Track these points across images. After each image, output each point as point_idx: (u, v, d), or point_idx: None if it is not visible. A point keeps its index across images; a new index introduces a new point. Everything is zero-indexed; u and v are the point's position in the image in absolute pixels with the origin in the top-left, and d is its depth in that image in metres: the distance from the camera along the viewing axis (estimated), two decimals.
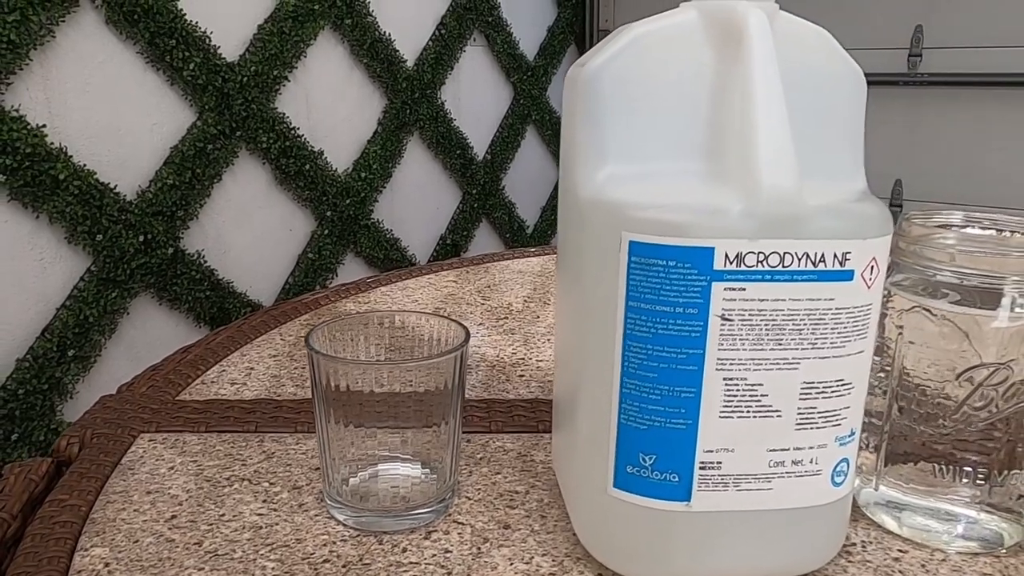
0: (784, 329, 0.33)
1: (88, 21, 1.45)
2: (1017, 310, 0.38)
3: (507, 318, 0.75)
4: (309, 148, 1.88)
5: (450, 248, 2.36)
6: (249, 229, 1.80)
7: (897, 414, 0.41)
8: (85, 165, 1.46)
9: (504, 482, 0.47)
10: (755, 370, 0.33)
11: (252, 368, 0.62)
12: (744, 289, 0.32)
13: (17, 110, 1.35)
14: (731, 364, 0.33)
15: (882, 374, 0.42)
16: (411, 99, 2.15)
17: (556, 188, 1.71)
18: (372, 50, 2.01)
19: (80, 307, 1.48)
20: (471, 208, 2.41)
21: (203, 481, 0.46)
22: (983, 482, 0.40)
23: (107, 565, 0.39)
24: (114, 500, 0.44)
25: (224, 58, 1.67)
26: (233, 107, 1.69)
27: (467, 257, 0.99)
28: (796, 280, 0.32)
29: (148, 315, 1.62)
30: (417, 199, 2.24)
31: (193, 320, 1.70)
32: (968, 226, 0.43)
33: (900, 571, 0.39)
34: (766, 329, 0.33)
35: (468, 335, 0.43)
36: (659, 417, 0.34)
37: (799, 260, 0.32)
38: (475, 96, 2.39)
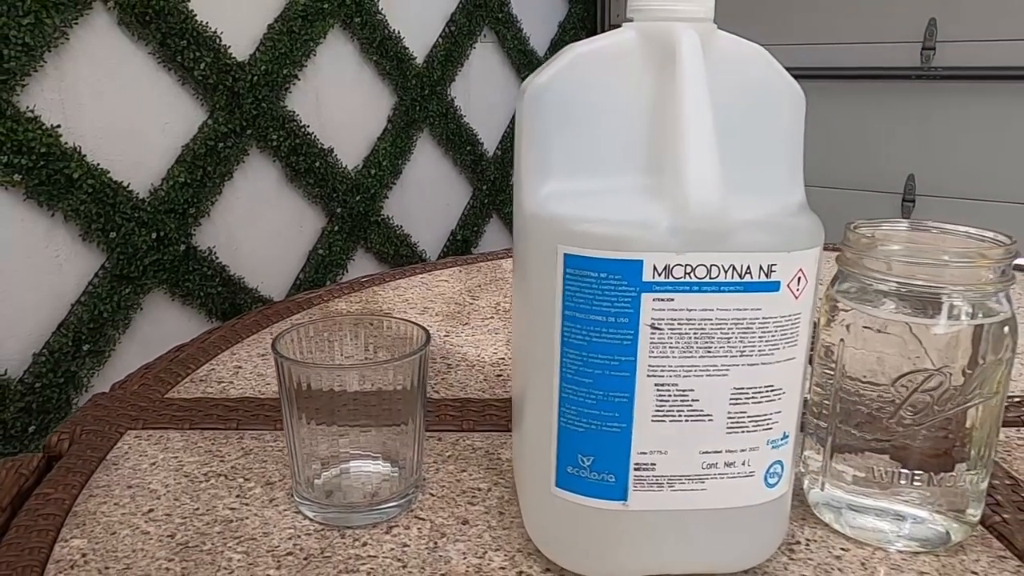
0: (713, 337, 0.35)
1: (101, 23, 1.48)
2: (953, 318, 0.39)
3: (493, 318, 0.77)
4: (319, 146, 1.91)
5: (460, 244, 2.38)
6: (260, 226, 1.83)
7: (840, 417, 0.42)
8: (99, 164, 1.49)
9: (468, 479, 0.49)
10: (685, 376, 0.35)
11: (240, 367, 0.65)
12: (672, 299, 0.34)
13: (32, 111, 1.39)
14: (662, 371, 0.35)
15: (829, 378, 0.43)
16: (421, 96, 2.17)
17: None
18: (382, 48, 2.03)
19: (95, 303, 1.51)
20: (481, 204, 2.43)
21: (182, 477, 0.48)
22: (921, 483, 0.41)
23: (84, 556, 0.41)
24: (96, 494, 0.47)
25: (234, 58, 1.69)
26: (243, 106, 1.72)
27: (462, 256, 1.01)
28: (723, 291, 0.34)
29: (161, 310, 1.66)
30: (427, 196, 2.26)
31: (205, 315, 1.74)
32: (913, 234, 0.44)
33: (840, 569, 0.41)
34: (695, 337, 0.34)
35: (428, 337, 0.45)
36: (595, 420, 0.36)
37: (725, 272, 0.34)
38: (485, 93, 2.40)
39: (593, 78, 0.37)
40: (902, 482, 0.41)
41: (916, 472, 0.41)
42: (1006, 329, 0.40)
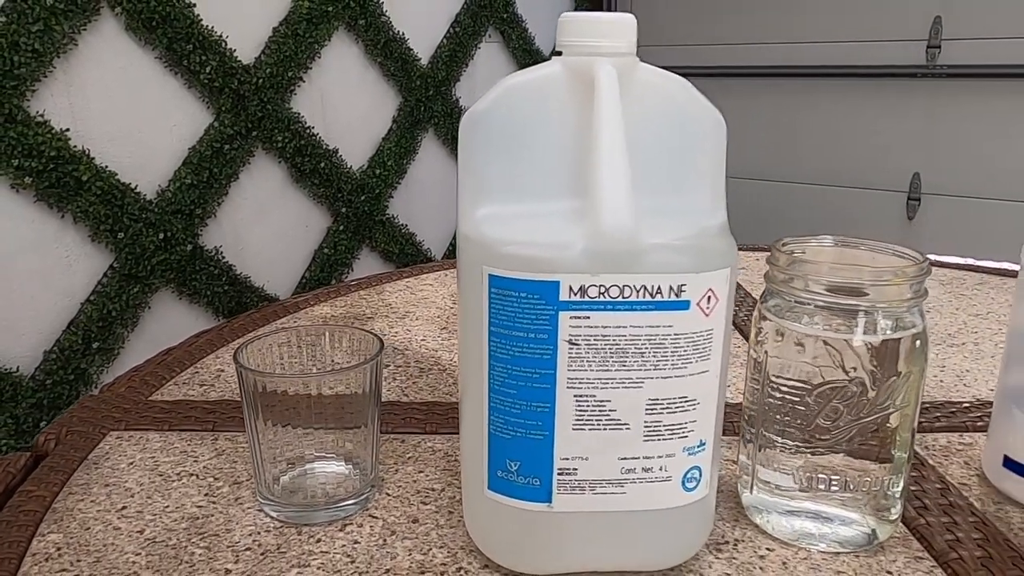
0: (627, 352, 0.37)
1: (109, 28, 1.52)
2: (869, 333, 0.42)
3: None
4: (324, 146, 1.94)
5: None
6: (266, 226, 1.87)
7: (765, 425, 0.45)
8: (107, 166, 1.53)
9: (424, 480, 0.51)
10: (603, 388, 0.38)
11: (222, 370, 0.68)
12: (588, 317, 0.37)
13: (42, 115, 1.43)
14: (580, 383, 0.37)
15: (756, 389, 0.45)
16: (425, 97, 2.20)
17: None
18: (386, 49, 2.06)
19: (104, 302, 1.56)
20: None
21: (156, 476, 0.52)
22: (839, 487, 0.44)
23: (59, 549, 0.44)
24: (75, 492, 0.50)
25: (240, 61, 1.73)
26: (249, 108, 1.75)
27: (448, 261, 1.04)
28: (635, 309, 0.37)
29: (168, 309, 1.70)
30: (432, 195, 2.29)
31: (212, 314, 1.78)
32: (837, 251, 0.46)
33: (761, 568, 0.43)
34: (610, 352, 0.37)
35: (382, 346, 0.48)
36: (521, 428, 0.38)
37: (636, 292, 0.36)
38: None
39: (523, 108, 0.39)
40: (821, 487, 0.44)
41: (834, 476, 0.43)
42: (918, 343, 0.42)
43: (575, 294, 0.36)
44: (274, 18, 1.81)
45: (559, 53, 0.40)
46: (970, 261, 1.11)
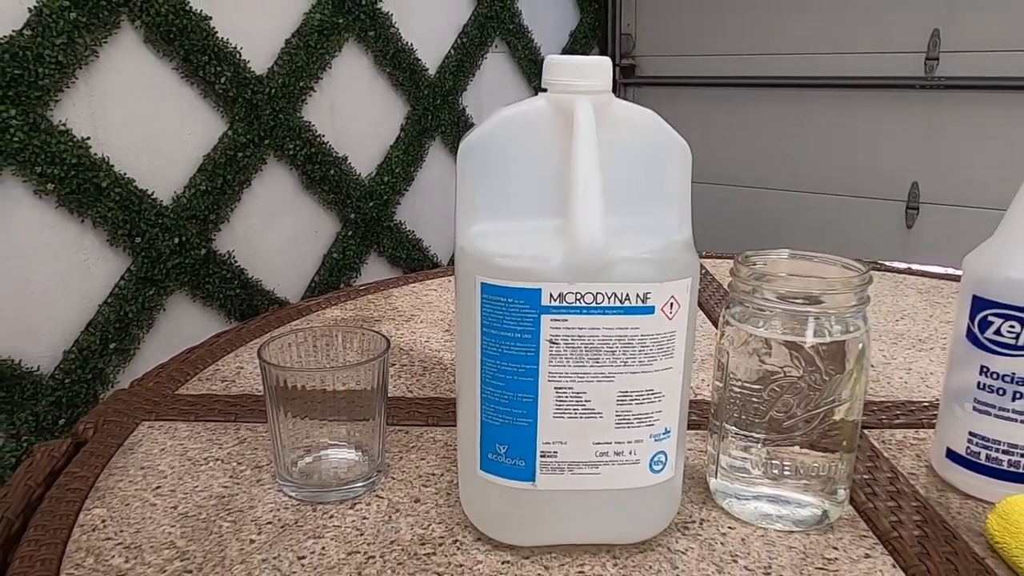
0: (600, 351, 0.43)
1: (128, 41, 1.58)
2: (817, 335, 0.47)
3: None
4: (334, 154, 2.00)
5: None
6: (277, 231, 1.93)
7: (727, 417, 0.50)
8: (125, 173, 1.59)
9: (425, 466, 0.57)
10: (579, 381, 0.43)
11: (242, 368, 0.74)
12: (566, 320, 0.42)
13: (64, 124, 1.49)
14: (560, 376, 0.43)
15: (720, 384, 0.51)
16: (433, 105, 2.26)
17: None
18: (395, 60, 2.12)
19: (121, 304, 1.62)
20: None
21: (185, 460, 0.58)
22: (791, 471, 0.49)
23: (103, 522, 0.50)
24: (115, 473, 0.56)
25: (253, 71, 1.79)
26: (262, 117, 1.82)
27: (451, 267, 1.10)
28: (607, 314, 0.42)
29: (183, 311, 1.76)
30: (439, 201, 2.35)
31: (224, 316, 1.84)
32: (792, 263, 0.52)
33: (722, 543, 0.49)
34: (586, 350, 0.43)
35: (389, 345, 0.54)
36: (508, 416, 0.44)
37: (608, 298, 0.42)
38: (496, 101, 2.48)
39: (513, 138, 0.45)
40: (775, 472, 0.49)
41: (787, 463, 0.49)
42: (861, 344, 0.48)
43: (555, 300, 0.42)
44: (287, 30, 1.87)
45: (544, 90, 0.46)
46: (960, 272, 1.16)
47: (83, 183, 1.53)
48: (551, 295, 0.42)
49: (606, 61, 0.45)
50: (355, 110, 2.07)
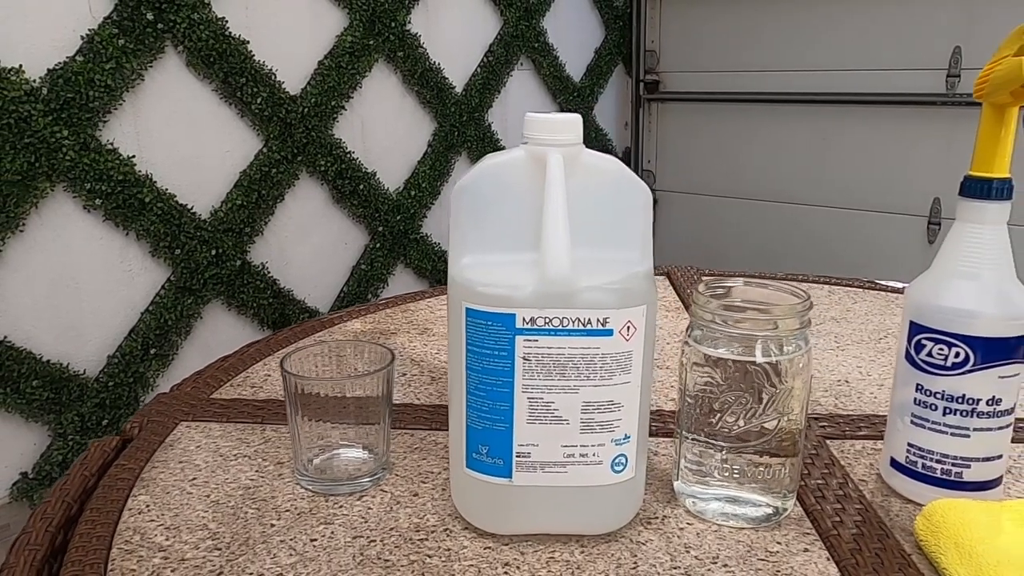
0: (566, 366, 0.50)
1: (172, 65, 1.69)
2: (765, 356, 0.54)
3: None
4: (363, 170, 2.10)
5: None
6: (308, 243, 2.02)
7: (686, 426, 0.57)
8: (167, 189, 1.70)
9: (426, 465, 0.65)
10: (549, 392, 0.51)
11: (269, 375, 0.82)
12: (537, 340, 0.50)
13: (112, 143, 1.60)
14: (532, 388, 0.51)
15: (681, 398, 0.58)
16: (460, 122, 2.34)
17: None
18: (423, 78, 2.21)
19: (161, 312, 1.72)
20: None
21: (217, 456, 0.66)
22: (740, 474, 0.56)
23: (148, 507, 0.58)
24: (157, 466, 0.64)
25: (288, 92, 1.89)
26: (295, 135, 1.91)
27: None
28: (572, 335, 0.50)
29: (219, 319, 1.86)
30: None
31: (258, 324, 1.94)
32: (746, 289, 0.58)
33: (679, 536, 0.56)
34: (554, 366, 0.50)
35: (393, 358, 0.62)
36: (489, 421, 0.52)
37: (572, 322, 0.49)
38: (521, 117, 2.56)
39: (497, 183, 0.53)
40: (725, 474, 0.56)
41: (735, 467, 0.56)
42: (801, 364, 0.55)
43: (527, 323, 0.49)
44: (319, 52, 1.97)
45: (526, 142, 0.53)
46: None
47: (128, 198, 1.63)
48: (524, 319, 0.49)
49: (576, 118, 0.52)
50: (384, 127, 2.16)
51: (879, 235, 2.60)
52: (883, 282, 1.19)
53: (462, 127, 2.35)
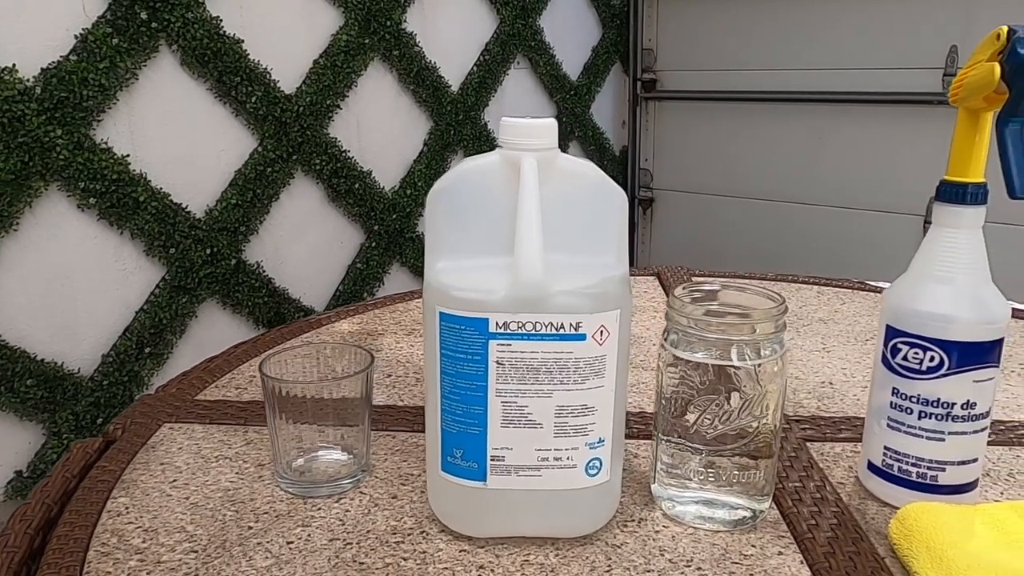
0: (540, 371, 0.50)
1: (166, 64, 1.69)
2: (741, 359, 0.54)
3: None
4: (359, 168, 2.10)
5: None
6: (303, 242, 2.02)
7: (663, 429, 0.58)
8: (161, 188, 1.70)
9: (406, 467, 0.65)
10: (522, 396, 0.51)
11: (254, 376, 0.83)
12: (510, 344, 0.50)
13: (106, 143, 1.60)
14: (506, 392, 0.51)
15: (657, 402, 0.58)
16: (456, 121, 2.34)
17: None
18: (419, 77, 2.20)
19: (156, 311, 1.72)
20: None
21: (199, 458, 0.66)
22: (715, 476, 0.56)
23: (127, 508, 0.59)
24: (138, 468, 0.65)
25: (283, 91, 1.89)
26: (290, 134, 1.91)
27: None
28: (545, 339, 0.50)
29: (214, 318, 1.86)
30: None
31: (253, 323, 1.94)
32: (723, 293, 0.58)
33: (654, 539, 0.56)
34: (528, 370, 0.50)
35: (372, 360, 0.62)
36: (463, 425, 0.52)
37: (545, 326, 0.50)
38: (518, 115, 2.56)
39: (472, 187, 0.53)
40: (700, 478, 0.56)
41: (710, 470, 0.56)
42: (776, 368, 0.55)
43: (500, 327, 0.50)
44: (314, 51, 1.96)
45: (502, 146, 0.53)
46: None
47: (122, 197, 1.63)
48: (497, 323, 0.50)
49: (551, 123, 0.52)
50: (380, 126, 2.16)
51: (874, 234, 2.60)
52: (872, 282, 1.19)
53: (458, 126, 2.35)
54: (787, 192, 2.73)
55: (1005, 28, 0.53)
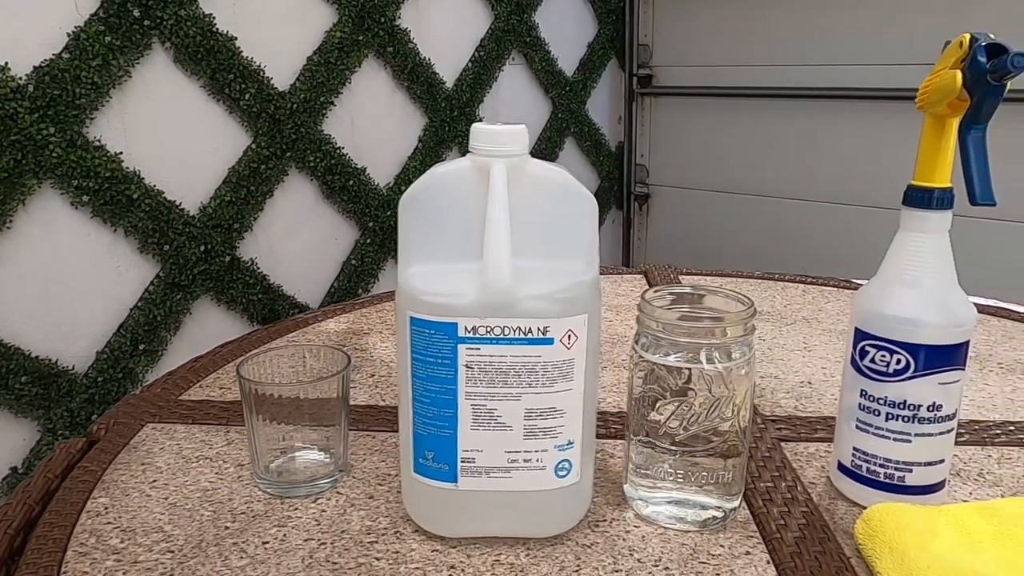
0: (508, 374, 0.51)
1: (159, 61, 1.69)
2: (710, 363, 0.55)
3: None
4: (353, 165, 2.10)
5: None
6: (298, 239, 2.03)
7: (634, 431, 0.58)
8: (155, 185, 1.70)
9: (384, 467, 0.66)
10: (492, 400, 0.52)
11: None
12: (479, 349, 0.51)
13: (99, 140, 1.60)
14: (475, 395, 0.52)
15: (628, 404, 0.59)
16: (450, 117, 2.34)
17: None
18: (413, 74, 2.21)
19: (150, 308, 1.73)
20: None
21: (180, 458, 0.67)
22: (684, 477, 0.57)
23: (106, 508, 0.60)
24: (119, 468, 0.65)
25: (276, 88, 1.89)
26: (284, 131, 1.92)
27: None
28: (513, 344, 0.51)
29: (208, 315, 1.87)
30: None
31: (247, 319, 1.95)
32: (693, 297, 0.59)
33: (624, 539, 0.57)
34: (496, 374, 0.51)
35: (349, 362, 0.63)
36: (434, 427, 0.53)
37: (513, 331, 0.50)
38: (513, 112, 2.56)
39: (443, 192, 0.53)
40: (669, 478, 0.57)
41: (679, 470, 0.57)
42: (744, 371, 0.56)
43: (469, 332, 0.50)
44: (308, 48, 1.97)
45: (472, 152, 0.54)
46: None
47: (116, 195, 1.64)
48: (466, 328, 0.50)
49: (521, 129, 0.53)
50: (374, 123, 2.16)
51: (868, 229, 2.60)
52: (858, 280, 1.20)
53: (453, 122, 2.35)
54: (783, 188, 2.73)
55: (967, 36, 0.53)
